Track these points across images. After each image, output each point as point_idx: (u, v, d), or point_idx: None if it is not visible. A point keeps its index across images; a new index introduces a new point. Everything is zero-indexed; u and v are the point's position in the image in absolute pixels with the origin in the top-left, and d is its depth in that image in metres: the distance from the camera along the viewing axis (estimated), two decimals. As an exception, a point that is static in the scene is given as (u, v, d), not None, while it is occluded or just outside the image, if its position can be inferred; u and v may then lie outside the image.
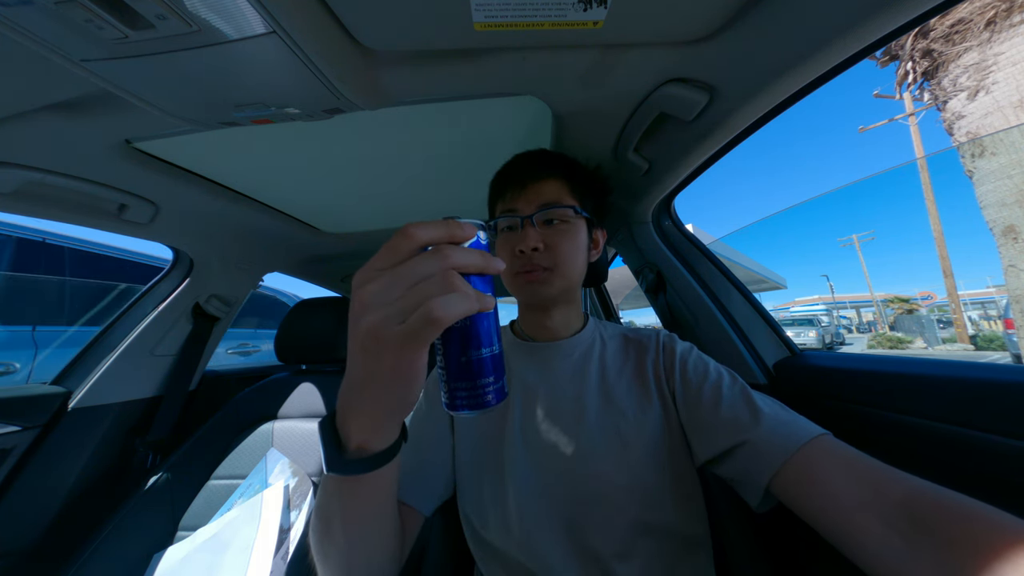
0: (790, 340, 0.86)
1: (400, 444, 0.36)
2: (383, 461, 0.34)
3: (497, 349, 0.33)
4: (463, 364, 0.32)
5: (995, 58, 5.07)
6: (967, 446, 0.48)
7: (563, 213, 0.59)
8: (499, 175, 0.65)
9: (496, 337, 0.33)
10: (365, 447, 0.33)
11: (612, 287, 2.54)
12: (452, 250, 0.28)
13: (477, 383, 0.32)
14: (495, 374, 0.33)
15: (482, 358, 0.32)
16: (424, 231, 0.28)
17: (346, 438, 0.33)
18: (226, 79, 0.46)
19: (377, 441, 0.33)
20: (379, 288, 0.27)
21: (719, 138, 0.62)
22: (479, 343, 0.32)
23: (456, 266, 0.28)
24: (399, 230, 0.28)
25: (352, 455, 0.33)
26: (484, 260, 0.30)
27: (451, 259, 0.28)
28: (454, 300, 0.26)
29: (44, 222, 0.81)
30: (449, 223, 0.29)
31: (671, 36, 0.47)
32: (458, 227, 0.29)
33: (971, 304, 38.72)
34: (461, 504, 0.59)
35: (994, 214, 5.04)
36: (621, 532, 0.49)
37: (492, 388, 0.32)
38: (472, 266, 0.29)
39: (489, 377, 0.32)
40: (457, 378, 0.32)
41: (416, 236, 0.28)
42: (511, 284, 0.62)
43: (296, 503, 0.87)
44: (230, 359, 3.29)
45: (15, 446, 0.90)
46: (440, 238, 0.29)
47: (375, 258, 0.29)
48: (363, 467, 0.33)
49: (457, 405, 0.32)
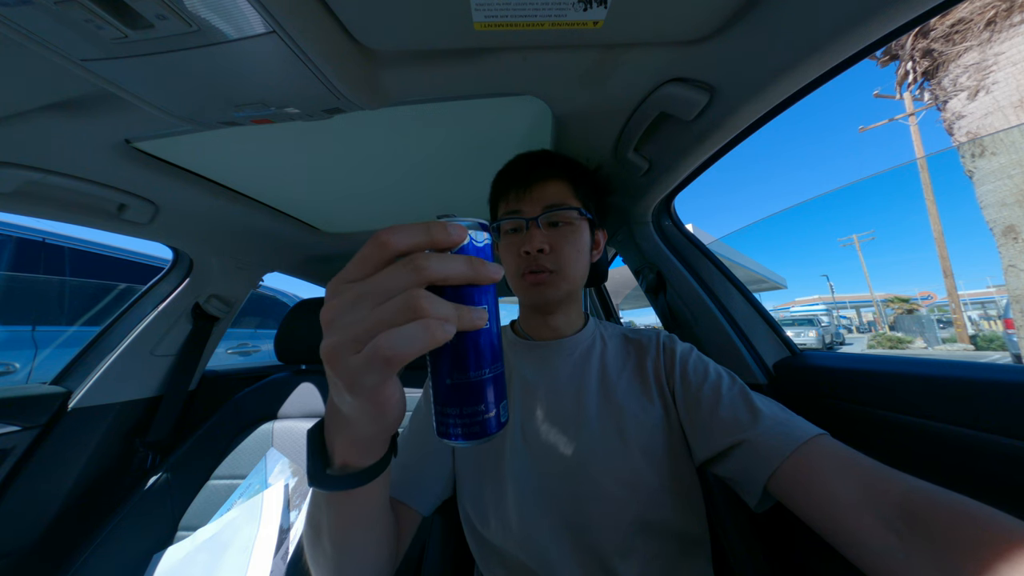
0: (790, 340, 0.86)
1: (388, 460, 0.34)
2: (369, 478, 0.32)
3: (492, 372, 0.28)
4: (449, 388, 0.27)
5: (995, 58, 5.07)
6: (967, 446, 0.48)
7: (568, 215, 0.60)
8: (501, 176, 0.65)
9: (492, 357, 0.28)
10: (349, 464, 0.31)
11: (612, 287, 2.53)
12: (426, 260, 0.23)
13: (466, 410, 0.27)
14: (489, 401, 0.28)
15: (470, 382, 0.27)
16: (398, 237, 0.23)
17: (332, 453, 0.31)
18: (226, 79, 0.46)
19: (361, 460, 0.31)
20: (342, 305, 0.23)
21: (719, 138, 0.62)
22: (467, 365, 0.27)
23: (432, 278, 0.23)
24: (372, 236, 0.24)
25: (336, 471, 0.31)
26: (471, 269, 0.25)
27: (425, 272, 0.23)
28: (408, 334, 0.22)
29: (44, 222, 0.81)
30: (431, 225, 0.24)
31: (671, 36, 0.47)
32: (441, 230, 0.24)
33: (971, 304, 38.73)
34: (461, 503, 0.59)
35: (994, 214, 5.03)
36: (620, 531, 0.50)
37: (484, 416, 0.28)
38: (455, 276, 0.24)
39: (480, 405, 0.28)
40: (444, 402, 0.28)
41: (389, 244, 0.23)
42: (516, 285, 0.62)
43: (296, 503, 0.87)
44: (230, 359, 3.29)
45: (15, 446, 0.90)
46: (417, 245, 0.24)
47: (347, 267, 0.24)
48: (347, 484, 0.31)
49: (447, 433, 0.28)
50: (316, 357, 1.11)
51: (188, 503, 0.96)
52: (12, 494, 0.89)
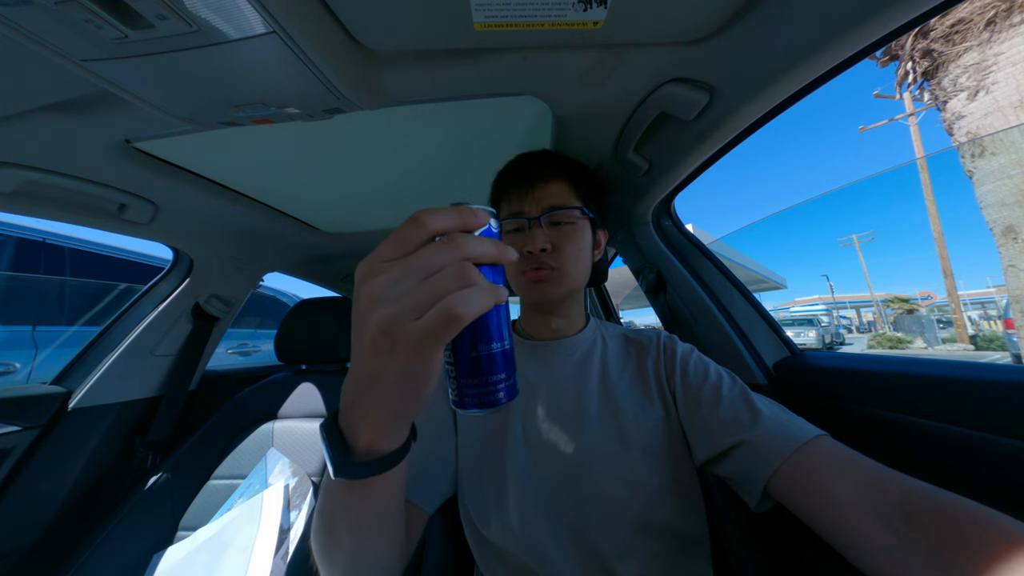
0: (790, 340, 0.86)
1: (410, 443, 0.34)
2: (394, 462, 0.32)
3: (508, 344, 0.32)
4: (473, 360, 0.30)
5: (995, 58, 5.06)
6: (967, 446, 0.48)
7: (570, 215, 0.60)
8: (503, 176, 0.65)
9: (508, 332, 0.32)
10: (374, 448, 0.31)
11: (612, 287, 2.53)
12: (466, 239, 0.26)
13: (488, 380, 0.30)
14: (507, 371, 0.31)
15: (493, 353, 0.31)
16: (436, 219, 0.26)
17: (353, 440, 0.30)
18: (226, 79, 0.46)
19: (387, 442, 0.31)
20: (389, 281, 0.25)
21: (719, 138, 0.62)
22: (490, 337, 0.30)
23: (471, 256, 0.26)
24: (409, 218, 0.26)
25: (360, 457, 0.31)
26: (498, 249, 0.28)
27: (466, 249, 0.26)
28: (473, 295, 0.24)
29: (44, 222, 0.81)
30: (462, 209, 0.27)
31: (671, 36, 0.47)
32: (471, 214, 0.28)
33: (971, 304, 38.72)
34: (462, 502, 0.59)
35: (994, 214, 5.03)
36: (621, 531, 0.50)
37: (503, 385, 0.31)
38: (487, 255, 0.27)
39: (501, 374, 0.31)
40: (467, 374, 0.30)
41: (428, 224, 0.26)
42: (518, 284, 0.62)
43: (296, 503, 0.87)
44: (230, 359, 3.29)
45: (15, 446, 0.90)
46: (453, 226, 0.27)
47: (381, 248, 0.26)
48: (373, 469, 0.31)
49: (466, 403, 0.31)
50: (316, 357, 1.13)
51: (188, 503, 0.96)
52: (12, 494, 0.89)
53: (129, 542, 0.87)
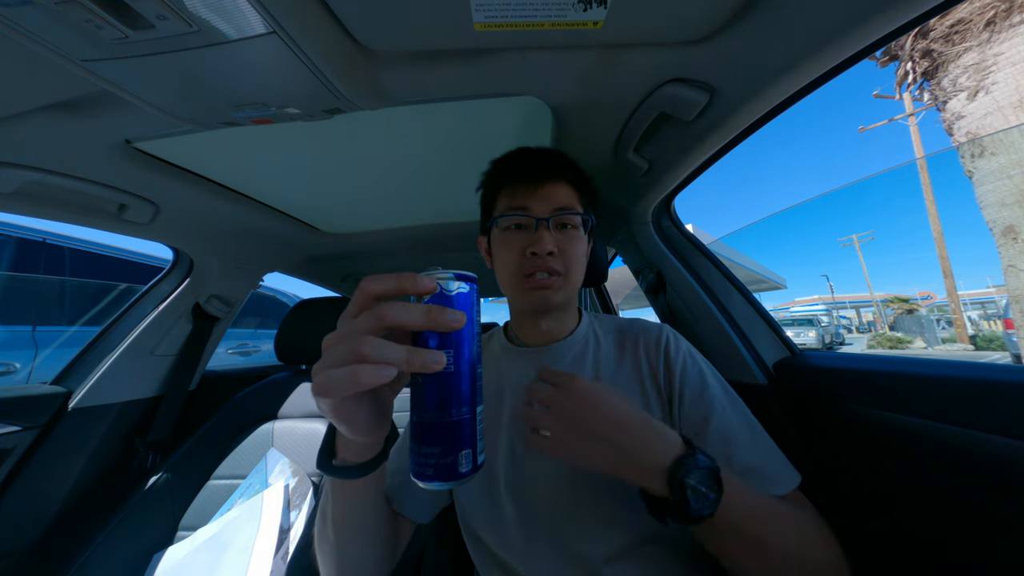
0: (790, 340, 0.86)
1: (379, 461, 0.38)
2: (360, 473, 0.37)
3: (456, 416, 0.29)
4: (415, 425, 0.30)
5: (995, 58, 5.07)
6: (967, 446, 0.48)
7: (576, 219, 0.59)
8: (503, 166, 0.62)
9: (457, 401, 0.29)
10: (345, 459, 0.37)
11: (612, 287, 2.53)
12: (390, 308, 0.27)
13: (424, 450, 0.29)
14: (449, 444, 0.29)
15: (429, 423, 0.29)
16: (374, 284, 0.29)
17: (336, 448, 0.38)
18: (226, 79, 0.46)
19: (353, 456, 0.37)
20: (331, 338, 0.28)
21: (719, 138, 0.62)
22: (427, 406, 0.29)
23: (393, 324, 0.27)
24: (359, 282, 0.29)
25: (337, 463, 0.37)
26: (427, 317, 0.28)
27: (385, 318, 0.27)
28: (335, 376, 0.26)
29: (44, 222, 0.81)
30: (401, 276, 0.29)
31: (671, 36, 0.47)
32: (409, 280, 0.28)
33: (971, 304, 38.72)
34: (459, 510, 0.60)
35: (994, 214, 5.03)
36: (616, 537, 0.49)
37: (441, 460, 0.29)
38: (414, 323, 0.28)
39: (436, 448, 0.29)
40: (412, 438, 0.30)
41: (366, 289, 0.29)
42: (516, 285, 0.59)
43: (296, 503, 0.87)
44: (230, 359, 3.29)
45: (15, 446, 0.90)
46: (388, 291, 0.29)
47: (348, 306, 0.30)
48: (343, 474, 0.37)
49: (417, 472, 0.29)
50: (316, 357, 1.11)
51: (188, 503, 0.96)
52: (12, 494, 0.89)
53: (129, 542, 0.87)
